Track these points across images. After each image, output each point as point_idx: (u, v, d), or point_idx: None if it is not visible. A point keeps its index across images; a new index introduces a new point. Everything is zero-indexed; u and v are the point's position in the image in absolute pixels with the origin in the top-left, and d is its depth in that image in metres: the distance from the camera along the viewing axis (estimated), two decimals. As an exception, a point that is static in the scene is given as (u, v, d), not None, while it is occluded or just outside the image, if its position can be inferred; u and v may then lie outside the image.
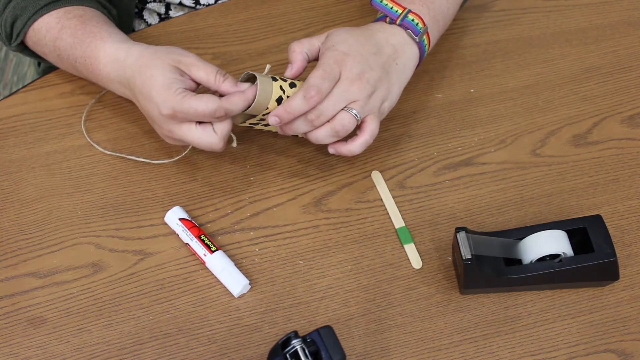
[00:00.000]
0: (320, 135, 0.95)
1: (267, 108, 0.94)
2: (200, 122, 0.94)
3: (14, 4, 1.02)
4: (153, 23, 1.20)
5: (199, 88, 0.96)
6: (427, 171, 1.03)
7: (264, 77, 0.94)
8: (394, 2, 1.00)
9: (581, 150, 1.05)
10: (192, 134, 0.93)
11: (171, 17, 1.18)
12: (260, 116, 0.95)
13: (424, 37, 1.01)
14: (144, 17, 1.21)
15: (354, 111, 0.94)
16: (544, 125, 1.07)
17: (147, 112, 0.96)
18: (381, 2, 1.01)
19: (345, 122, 0.94)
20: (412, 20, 0.99)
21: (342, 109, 0.94)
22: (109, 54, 0.98)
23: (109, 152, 1.03)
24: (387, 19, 1.00)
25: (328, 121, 0.94)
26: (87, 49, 0.99)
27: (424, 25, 1.00)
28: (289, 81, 0.95)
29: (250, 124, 0.97)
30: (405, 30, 1.00)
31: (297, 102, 0.92)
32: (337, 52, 0.95)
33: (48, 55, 1.05)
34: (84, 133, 1.05)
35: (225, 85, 0.94)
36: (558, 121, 1.07)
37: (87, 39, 1.00)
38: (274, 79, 0.94)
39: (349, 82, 0.94)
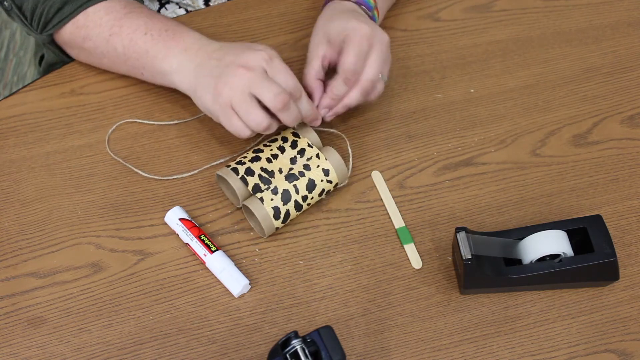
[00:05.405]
0: (354, 102, 1.01)
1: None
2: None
3: None
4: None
5: None
6: (427, 171, 1.03)
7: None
8: None
9: (581, 150, 1.05)
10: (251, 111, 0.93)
11: (170, 17, 1.18)
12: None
13: (375, 11, 1.06)
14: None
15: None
16: (544, 125, 1.07)
17: (237, 60, 0.95)
18: None
19: (379, 89, 1.01)
20: None
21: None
22: (195, 32, 1.01)
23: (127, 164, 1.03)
24: None
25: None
26: (168, 22, 1.02)
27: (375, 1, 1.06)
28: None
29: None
30: (360, 6, 1.04)
31: (340, 87, 0.99)
32: (360, 30, 0.98)
33: (93, 38, 1.04)
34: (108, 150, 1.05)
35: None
36: (558, 121, 1.07)
37: (167, 19, 1.03)
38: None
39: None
